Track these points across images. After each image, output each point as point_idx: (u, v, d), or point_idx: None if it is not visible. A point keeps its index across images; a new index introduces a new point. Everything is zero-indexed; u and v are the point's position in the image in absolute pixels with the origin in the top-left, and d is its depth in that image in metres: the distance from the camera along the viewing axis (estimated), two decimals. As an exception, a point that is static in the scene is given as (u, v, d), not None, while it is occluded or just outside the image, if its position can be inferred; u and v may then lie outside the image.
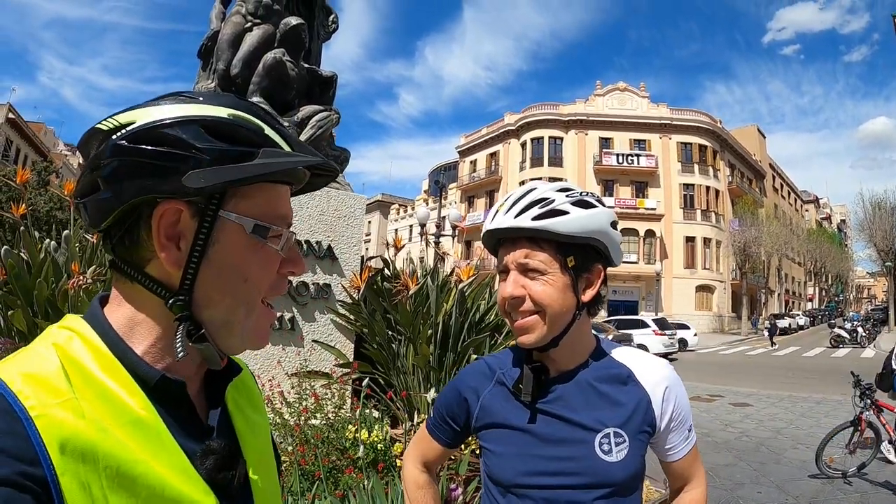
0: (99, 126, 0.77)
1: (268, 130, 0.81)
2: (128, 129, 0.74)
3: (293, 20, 5.90)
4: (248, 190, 0.80)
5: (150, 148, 0.73)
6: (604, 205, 1.40)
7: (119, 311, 0.80)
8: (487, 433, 1.45)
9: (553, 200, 1.33)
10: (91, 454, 0.66)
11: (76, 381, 0.70)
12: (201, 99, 0.78)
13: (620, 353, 1.49)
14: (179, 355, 0.76)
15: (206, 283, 0.78)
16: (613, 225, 1.39)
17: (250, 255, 0.80)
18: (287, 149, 0.81)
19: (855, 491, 6.77)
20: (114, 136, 0.74)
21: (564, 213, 1.32)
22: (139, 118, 0.75)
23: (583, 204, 1.35)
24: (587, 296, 1.39)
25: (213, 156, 0.74)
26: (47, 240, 5.06)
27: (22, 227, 4.84)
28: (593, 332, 1.51)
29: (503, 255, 1.38)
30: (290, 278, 0.90)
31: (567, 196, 1.35)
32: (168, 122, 0.74)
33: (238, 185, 0.77)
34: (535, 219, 1.31)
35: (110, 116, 0.76)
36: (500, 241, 1.40)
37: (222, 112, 0.78)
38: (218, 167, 0.74)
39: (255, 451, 0.91)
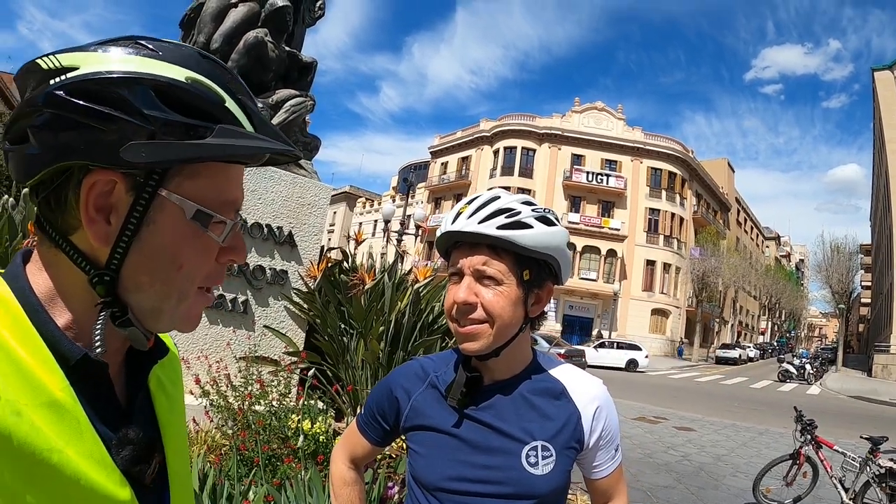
0: (38, 62, 0.67)
1: (229, 103, 0.72)
2: (68, 75, 0.65)
3: (279, 1, 5.84)
4: (196, 169, 0.72)
5: (88, 105, 0.64)
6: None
7: (41, 276, 0.72)
8: (416, 434, 1.43)
9: (519, 212, 1.31)
10: (5, 439, 0.58)
11: None
12: (160, 54, 0.69)
13: (556, 369, 1.48)
14: (98, 350, 0.68)
15: (135, 266, 0.70)
16: (568, 245, 1.39)
17: (188, 241, 0.72)
18: (248, 126, 0.73)
19: (788, 523, 6.91)
20: (52, 81, 0.65)
21: (529, 226, 1.30)
22: (84, 64, 0.66)
23: (545, 220, 1.33)
24: (535, 311, 1.38)
25: (159, 127, 0.66)
26: (6, 196, 4.93)
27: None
28: (545, 343, 1.50)
29: (458, 259, 1.34)
30: (247, 263, 0.82)
31: (533, 210, 1.33)
32: (115, 77, 0.65)
33: (182, 164, 0.70)
34: (500, 228, 1.28)
35: (53, 53, 0.67)
36: (457, 244, 1.36)
37: (179, 74, 0.68)
38: (163, 141, 0.66)
39: (173, 437, 0.85)
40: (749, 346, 56.64)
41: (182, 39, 5.92)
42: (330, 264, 5.65)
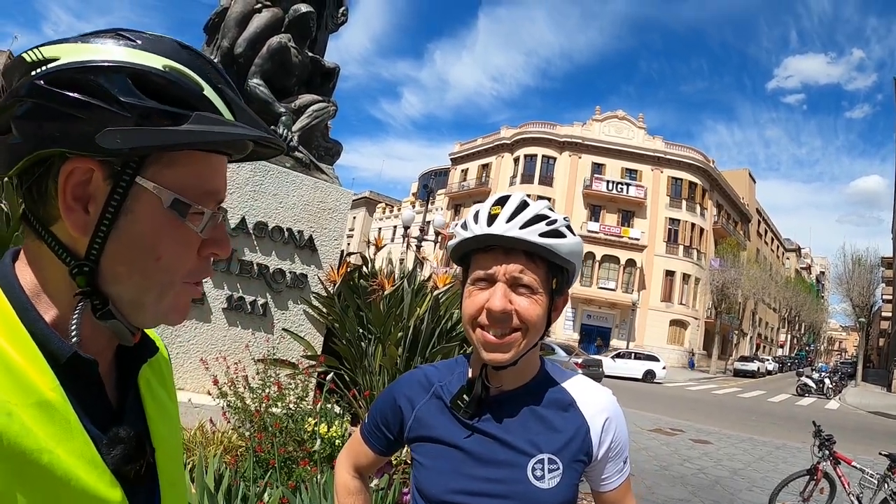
0: (23, 56, 0.68)
1: (207, 91, 0.72)
2: (49, 66, 0.66)
3: (303, 7, 5.88)
4: (175, 157, 0.71)
5: (66, 94, 0.65)
6: None
7: (27, 272, 0.72)
8: (420, 446, 1.40)
9: (556, 220, 1.28)
10: None
11: None
12: (139, 43, 0.69)
13: (564, 379, 1.45)
14: (73, 338, 0.68)
15: (113, 256, 0.70)
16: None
17: (165, 231, 0.72)
18: (227, 115, 0.73)
19: (804, 539, 6.79)
20: (33, 73, 0.66)
21: (563, 235, 1.28)
22: (64, 55, 0.67)
23: (571, 229, 1.32)
24: (553, 319, 1.35)
25: (135, 113, 0.66)
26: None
27: (6, 178, 4.75)
28: (563, 352, 1.48)
29: (491, 264, 1.28)
30: (267, 266, 0.81)
31: (564, 218, 1.32)
32: (93, 65, 0.66)
33: (159, 151, 0.69)
34: (542, 235, 1.25)
35: (37, 47, 0.68)
36: (489, 248, 1.29)
37: (156, 62, 0.69)
38: (138, 128, 0.66)
39: (163, 435, 0.84)
40: (768, 359, 56.01)
41: (206, 44, 6.00)
42: (349, 269, 5.67)
